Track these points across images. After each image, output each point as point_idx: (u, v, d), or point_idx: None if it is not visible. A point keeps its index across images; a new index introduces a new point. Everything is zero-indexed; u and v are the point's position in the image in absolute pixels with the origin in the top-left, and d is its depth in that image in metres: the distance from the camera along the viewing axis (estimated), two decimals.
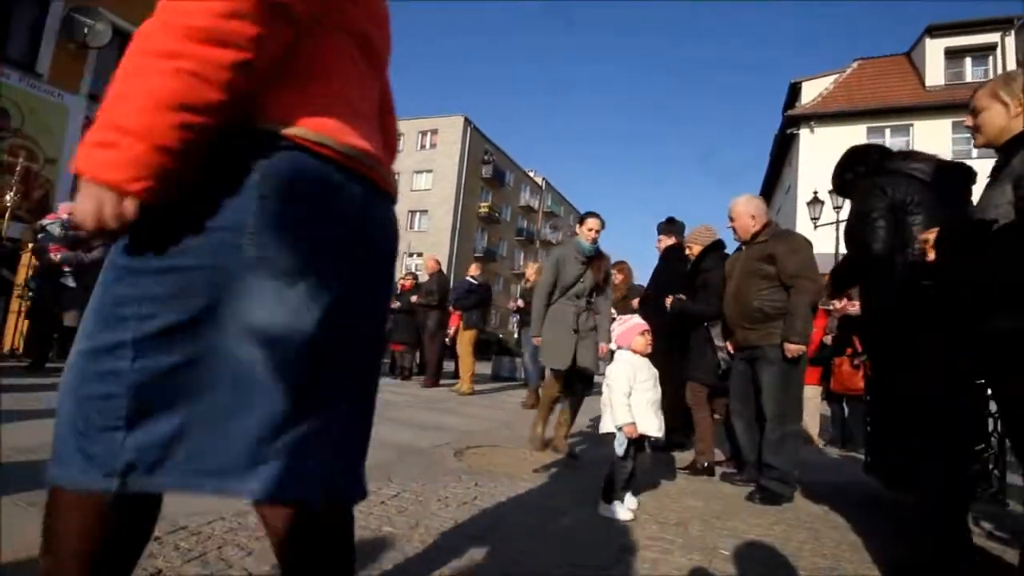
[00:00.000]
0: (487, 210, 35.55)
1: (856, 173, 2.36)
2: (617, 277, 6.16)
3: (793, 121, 16.93)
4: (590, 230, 3.43)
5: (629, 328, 2.38)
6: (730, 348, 3.06)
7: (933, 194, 2.05)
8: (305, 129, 0.70)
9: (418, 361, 8.15)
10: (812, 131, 16.55)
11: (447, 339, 6.75)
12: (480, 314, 6.63)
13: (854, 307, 4.14)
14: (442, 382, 6.98)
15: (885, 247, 2.04)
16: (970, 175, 2.10)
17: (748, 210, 3.02)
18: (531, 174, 43.46)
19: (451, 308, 6.63)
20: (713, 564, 1.76)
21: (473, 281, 6.65)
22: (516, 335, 6.87)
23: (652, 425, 2.20)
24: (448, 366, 7.85)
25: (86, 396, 0.66)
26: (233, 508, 1.83)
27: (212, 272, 0.67)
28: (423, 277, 7.72)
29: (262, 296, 0.68)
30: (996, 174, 1.58)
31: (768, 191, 22.37)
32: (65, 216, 4.77)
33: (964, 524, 1.57)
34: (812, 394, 4.82)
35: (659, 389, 2.33)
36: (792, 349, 2.65)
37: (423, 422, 4.12)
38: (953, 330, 1.63)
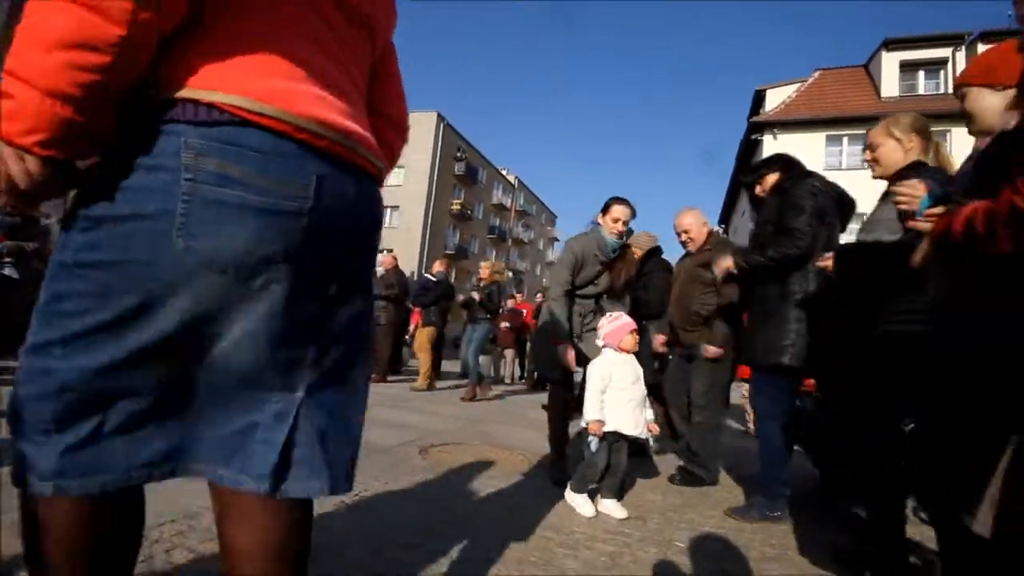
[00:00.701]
0: (459, 207, 35.38)
1: (791, 177, 2.54)
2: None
3: (757, 127, 17.48)
4: (616, 220, 2.72)
5: (620, 327, 2.37)
6: (659, 345, 3.36)
7: (832, 213, 2.38)
8: (243, 97, 0.61)
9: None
10: (775, 138, 17.12)
11: (407, 336, 6.67)
12: (439, 311, 6.58)
13: None
14: (401, 379, 6.93)
15: (810, 243, 2.25)
16: (854, 205, 2.53)
17: (701, 220, 3.23)
18: (504, 172, 43.48)
19: (411, 305, 6.56)
20: (668, 556, 1.82)
21: (432, 278, 6.60)
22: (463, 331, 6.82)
23: (627, 423, 2.24)
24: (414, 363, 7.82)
25: (24, 395, 0.63)
26: (185, 510, 1.78)
27: (139, 267, 0.61)
28: (380, 273, 7.63)
29: (198, 292, 0.63)
30: (885, 196, 1.85)
31: (733, 195, 23.04)
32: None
33: (900, 515, 1.68)
34: None
35: (643, 388, 2.35)
36: (709, 351, 2.85)
37: (389, 420, 4.08)
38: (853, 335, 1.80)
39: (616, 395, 2.26)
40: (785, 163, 2.68)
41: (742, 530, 2.16)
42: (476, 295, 6.06)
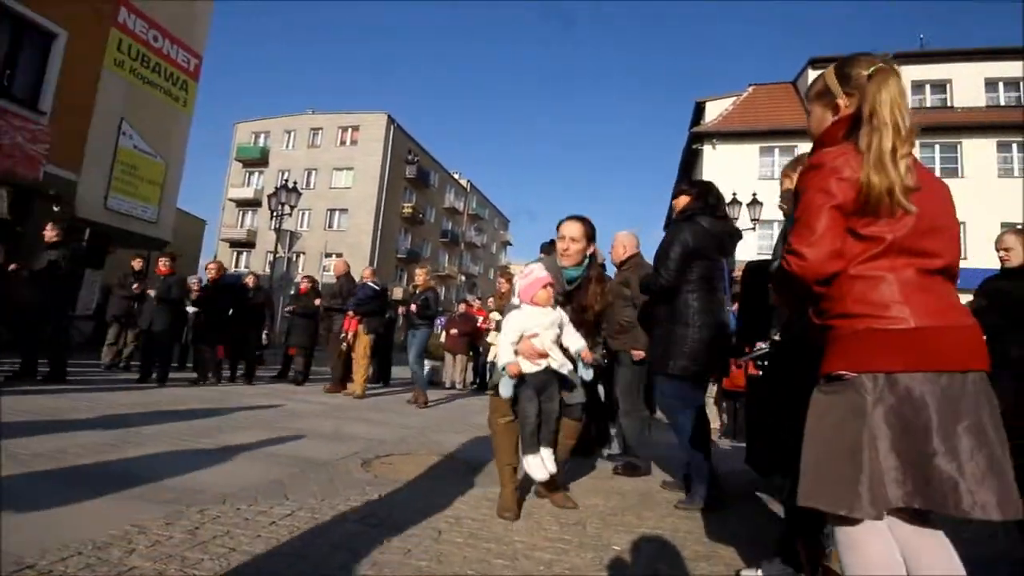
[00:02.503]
0: (411, 211, 34.87)
1: (687, 211, 2.86)
2: (503, 286, 6.43)
3: (698, 138, 18.29)
4: (562, 238, 2.43)
5: (532, 282, 2.29)
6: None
7: (712, 249, 2.77)
8: None
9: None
10: (714, 147, 17.97)
11: (344, 344, 6.60)
12: (380, 319, 6.66)
13: None
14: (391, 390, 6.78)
15: (675, 277, 2.69)
16: (739, 235, 3.07)
17: (621, 242, 3.73)
18: (456, 176, 43.26)
19: (349, 312, 6.51)
20: (604, 560, 1.85)
21: (375, 287, 6.58)
22: (403, 338, 6.91)
23: (555, 360, 2.27)
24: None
25: None
26: (95, 542, 1.65)
27: None
28: (329, 279, 7.52)
29: None
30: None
31: None
32: None
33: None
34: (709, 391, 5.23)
35: (559, 332, 2.32)
36: (636, 355, 3.34)
37: (330, 432, 3.95)
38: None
39: (535, 340, 2.27)
40: (700, 192, 2.92)
41: (677, 530, 2.24)
42: (414, 306, 6.11)
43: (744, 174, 16.23)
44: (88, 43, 10.08)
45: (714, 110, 18.94)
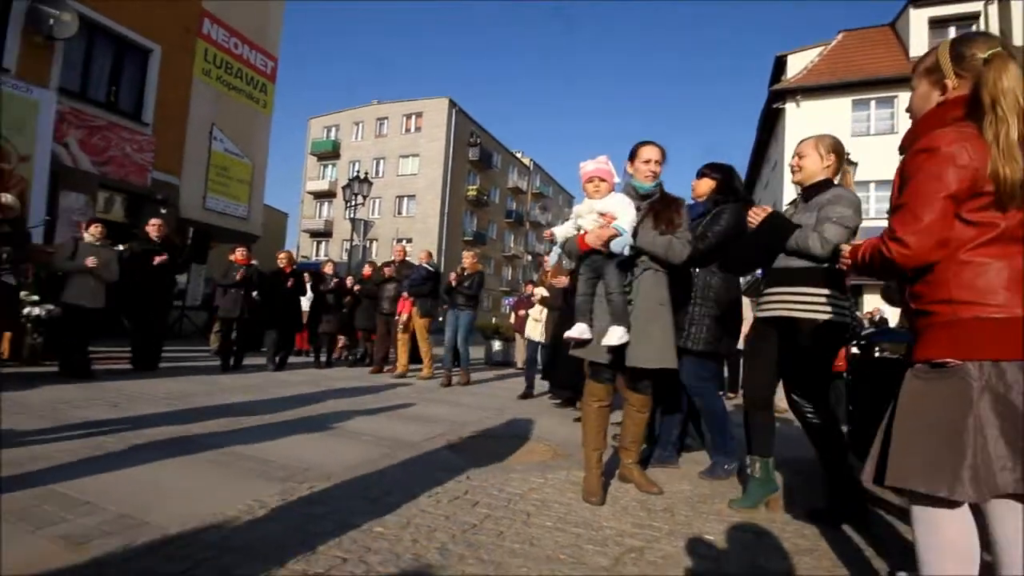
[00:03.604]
0: (475, 193, 35.26)
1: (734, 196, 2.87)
2: (546, 263, 6.35)
3: (779, 96, 16.86)
4: (646, 162, 2.42)
5: (581, 175, 2.41)
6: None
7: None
8: None
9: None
10: (798, 105, 16.51)
11: (401, 326, 6.84)
12: (434, 301, 6.78)
13: None
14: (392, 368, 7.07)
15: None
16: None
17: None
18: (519, 155, 43.06)
19: (404, 295, 6.71)
20: (697, 550, 1.81)
21: (430, 268, 6.75)
22: (441, 318, 7.05)
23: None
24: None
25: None
26: (224, 515, 1.84)
27: None
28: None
29: None
30: (797, 204, 2.34)
31: (755, 167, 22.40)
32: None
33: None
34: None
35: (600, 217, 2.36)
36: None
37: (416, 414, 4.14)
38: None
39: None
40: (726, 177, 2.91)
41: (773, 521, 2.14)
42: (452, 276, 6.23)
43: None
44: (179, 56, 10.97)
45: (797, 63, 17.32)
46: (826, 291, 2.15)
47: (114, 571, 1.43)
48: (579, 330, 2.30)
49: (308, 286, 7.54)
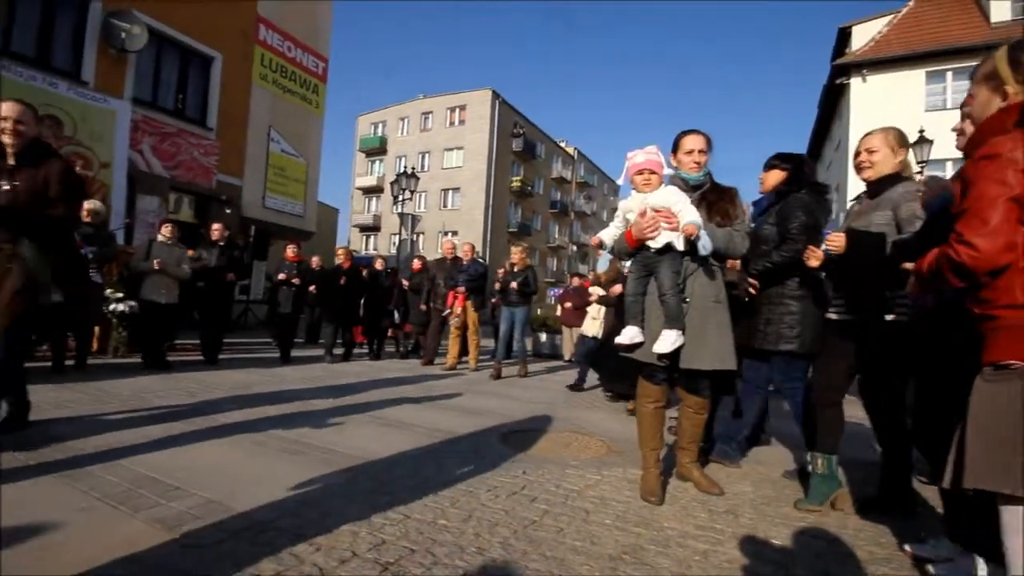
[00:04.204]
0: (519, 184, 35.21)
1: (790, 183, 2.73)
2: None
3: (843, 70, 15.81)
4: (688, 152, 2.31)
5: (627, 169, 2.32)
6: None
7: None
8: None
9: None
10: (864, 80, 15.43)
11: (454, 319, 6.97)
12: (483, 296, 7.00)
13: None
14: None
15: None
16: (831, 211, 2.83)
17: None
18: (562, 145, 42.60)
19: (455, 289, 6.83)
20: (765, 555, 1.76)
21: (482, 262, 7.02)
22: (496, 313, 7.21)
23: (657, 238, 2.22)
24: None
25: None
26: (298, 504, 1.95)
27: None
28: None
29: None
30: (866, 199, 2.28)
31: (816, 147, 21.16)
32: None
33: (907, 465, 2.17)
34: None
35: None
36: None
37: (467, 407, 4.22)
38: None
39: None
40: (796, 167, 2.76)
41: (844, 527, 2.05)
42: (514, 284, 6.35)
43: (906, 107, 13.74)
44: (238, 62, 11.51)
45: (863, 35, 16.15)
46: (901, 291, 2.06)
47: (210, 554, 1.55)
48: (630, 335, 2.21)
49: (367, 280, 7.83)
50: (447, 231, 32.22)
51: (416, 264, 8.54)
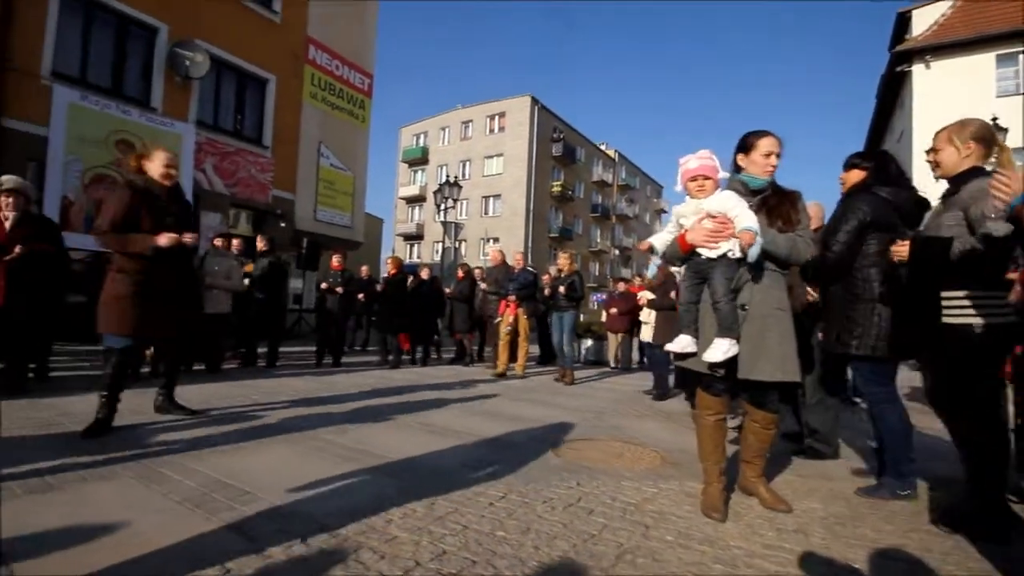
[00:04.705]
0: (560, 189, 35.14)
1: (859, 185, 2.68)
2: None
3: (903, 57, 14.94)
4: (767, 155, 2.18)
5: (680, 174, 2.22)
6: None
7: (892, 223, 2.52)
8: None
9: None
10: (928, 66, 14.52)
11: (507, 327, 7.02)
12: (536, 303, 7.12)
13: None
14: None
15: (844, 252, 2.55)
16: (928, 205, 2.60)
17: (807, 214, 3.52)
18: (603, 147, 42.22)
19: (507, 298, 6.88)
20: None
21: (534, 271, 7.14)
22: (548, 319, 7.28)
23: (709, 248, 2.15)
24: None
25: None
26: (361, 509, 2.01)
27: None
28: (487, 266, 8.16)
29: None
30: (946, 199, 2.16)
31: (876, 139, 20.04)
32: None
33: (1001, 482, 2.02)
34: None
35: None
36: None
37: (517, 415, 4.22)
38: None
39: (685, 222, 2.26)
40: (879, 165, 2.69)
41: (929, 549, 1.90)
42: (562, 289, 6.46)
43: (975, 93, 12.84)
44: (290, 83, 12.08)
45: (924, 19, 15.23)
46: (983, 292, 1.97)
47: (283, 560, 1.61)
48: (682, 343, 2.16)
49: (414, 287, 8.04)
50: (489, 237, 32.51)
51: (460, 272, 8.68)
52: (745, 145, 2.25)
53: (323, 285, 7.29)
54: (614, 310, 8.82)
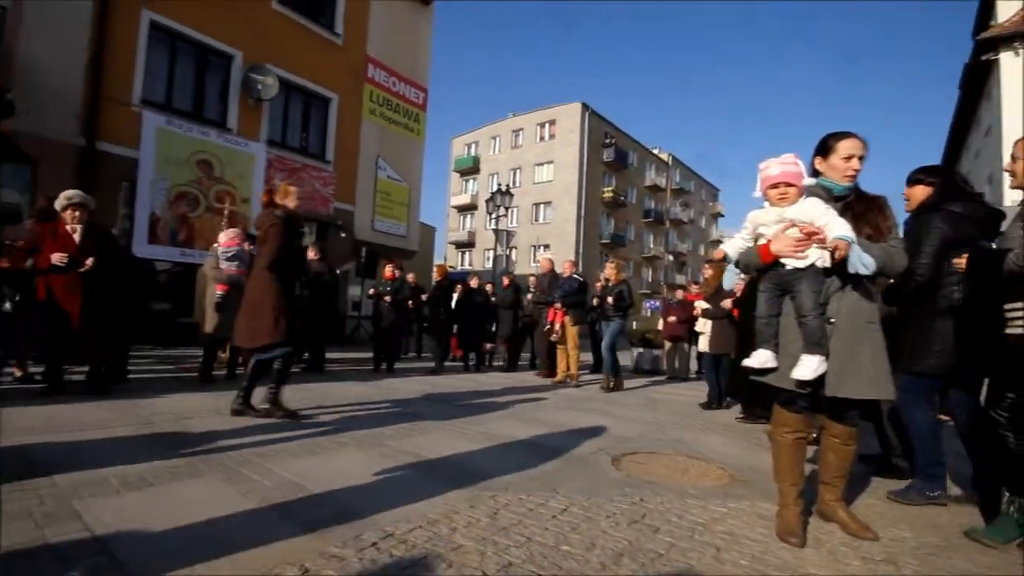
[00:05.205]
0: (611, 195, 34.69)
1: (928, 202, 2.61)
2: (707, 272, 6.03)
3: (989, 45, 13.73)
4: (847, 159, 2.05)
5: (761, 179, 2.09)
6: None
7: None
8: None
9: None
10: (1017, 53, 13.27)
11: (554, 335, 6.99)
12: (583, 310, 7.02)
13: None
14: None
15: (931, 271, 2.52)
16: (1002, 215, 2.53)
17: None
18: (656, 151, 41.37)
19: (555, 305, 6.84)
20: None
21: (580, 279, 6.99)
22: (598, 327, 7.18)
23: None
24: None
25: None
26: (427, 517, 2.05)
27: None
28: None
29: None
30: (1020, 209, 2.12)
31: (960, 133, 18.50)
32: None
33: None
34: None
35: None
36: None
37: (575, 425, 4.18)
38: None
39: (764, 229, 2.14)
40: (946, 181, 2.64)
41: None
42: (610, 299, 6.44)
43: None
44: (351, 100, 12.66)
45: (1012, 4, 13.93)
46: None
47: (356, 564, 1.67)
48: (761, 359, 2.04)
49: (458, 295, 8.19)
50: (540, 245, 32.55)
51: (505, 280, 8.75)
52: (824, 148, 2.12)
53: (371, 292, 7.58)
54: (672, 318, 8.57)
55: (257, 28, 10.73)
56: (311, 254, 6.96)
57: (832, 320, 1.97)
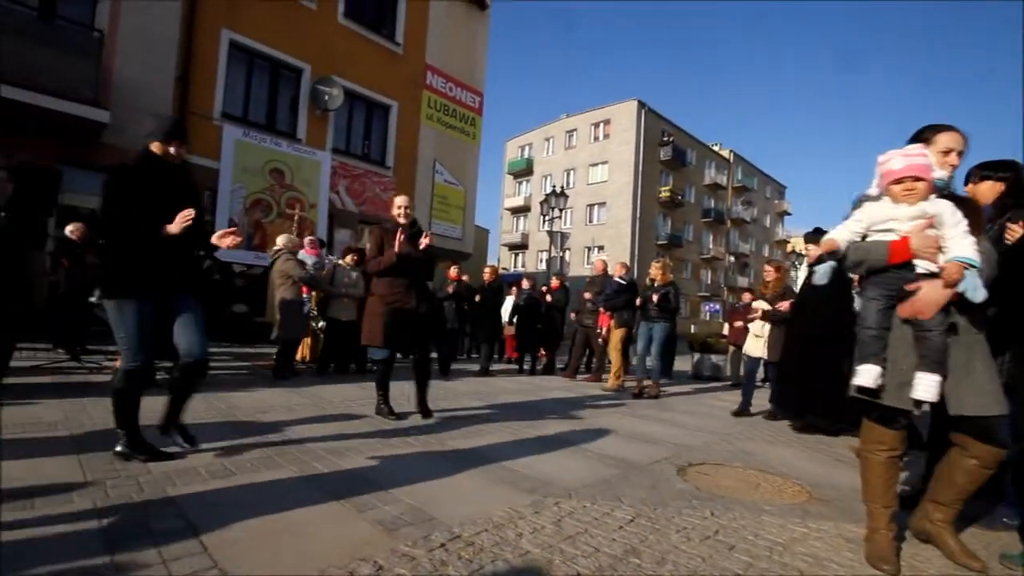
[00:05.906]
0: (668, 194, 33.70)
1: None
2: (769, 274, 5.61)
3: None
4: (945, 153, 1.95)
5: (883, 173, 1.89)
6: None
7: None
8: None
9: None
10: None
11: (600, 339, 6.85)
12: (631, 312, 6.72)
13: None
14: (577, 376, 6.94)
15: None
16: None
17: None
18: (715, 148, 39.81)
19: (601, 309, 6.70)
20: None
21: (622, 281, 6.73)
22: (636, 329, 6.92)
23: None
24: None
25: None
26: (492, 520, 2.06)
27: None
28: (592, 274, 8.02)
29: None
30: None
31: None
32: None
33: None
34: None
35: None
36: None
37: (634, 432, 4.08)
38: None
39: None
40: (1017, 176, 2.36)
41: None
42: (654, 297, 6.14)
43: None
44: (410, 107, 13.03)
45: None
46: None
47: (426, 564, 1.70)
48: (869, 376, 1.83)
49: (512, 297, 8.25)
50: (594, 246, 32.16)
51: (555, 282, 8.70)
52: (921, 140, 1.97)
53: (449, 289, 7.73)
54: (739, 323, 8.20)
55: (324, 41, 11.27)
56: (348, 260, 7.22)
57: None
